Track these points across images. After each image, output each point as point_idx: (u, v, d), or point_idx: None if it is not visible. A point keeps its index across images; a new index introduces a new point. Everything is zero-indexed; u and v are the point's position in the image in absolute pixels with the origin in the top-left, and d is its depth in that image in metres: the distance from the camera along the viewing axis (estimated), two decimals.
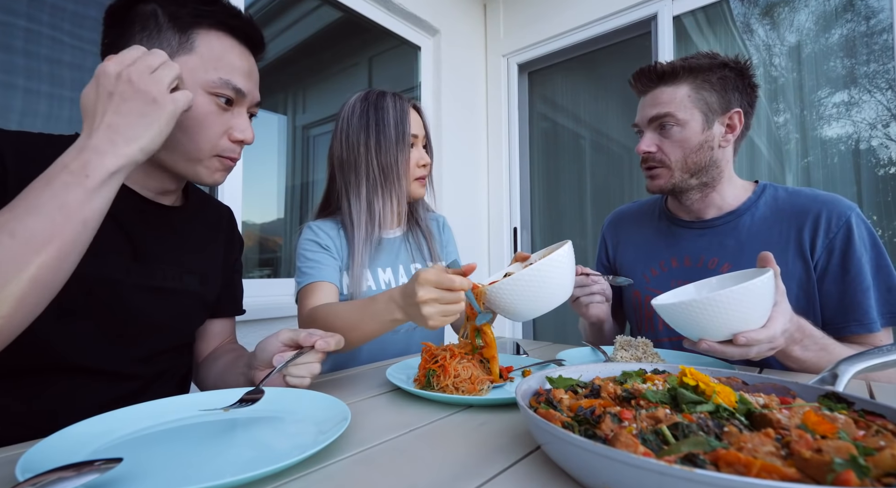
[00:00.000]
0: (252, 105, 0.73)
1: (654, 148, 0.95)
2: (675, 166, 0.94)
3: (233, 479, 0.35)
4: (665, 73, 0.93)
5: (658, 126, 0.94)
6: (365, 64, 2.43)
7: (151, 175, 0.71)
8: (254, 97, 0.72)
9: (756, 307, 0.64)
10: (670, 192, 0.98)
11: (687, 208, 1.02)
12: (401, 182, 1.04)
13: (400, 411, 0.59)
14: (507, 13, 2.66)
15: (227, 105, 0.68)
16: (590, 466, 0.34)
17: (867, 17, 1.69)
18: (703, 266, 0.98)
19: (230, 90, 0.67)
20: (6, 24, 1.16)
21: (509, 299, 0.67)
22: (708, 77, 0.92)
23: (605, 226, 1.24)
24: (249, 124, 0.72)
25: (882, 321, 0.85)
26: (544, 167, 2.66)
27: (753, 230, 0.95)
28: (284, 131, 2.06)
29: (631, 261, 1.12)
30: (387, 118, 1.02)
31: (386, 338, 1.05)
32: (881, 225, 1.67)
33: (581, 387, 0.50)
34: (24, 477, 0.34)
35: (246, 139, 0.71)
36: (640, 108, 0.99)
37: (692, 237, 1.02)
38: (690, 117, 0.92)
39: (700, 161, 0.93)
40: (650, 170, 0.97)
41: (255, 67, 0.73)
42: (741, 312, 0.63)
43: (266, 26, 1.90)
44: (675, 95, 0.92)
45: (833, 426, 0.35)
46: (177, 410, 0.55)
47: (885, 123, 1.68)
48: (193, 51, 0.65)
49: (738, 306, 0.63)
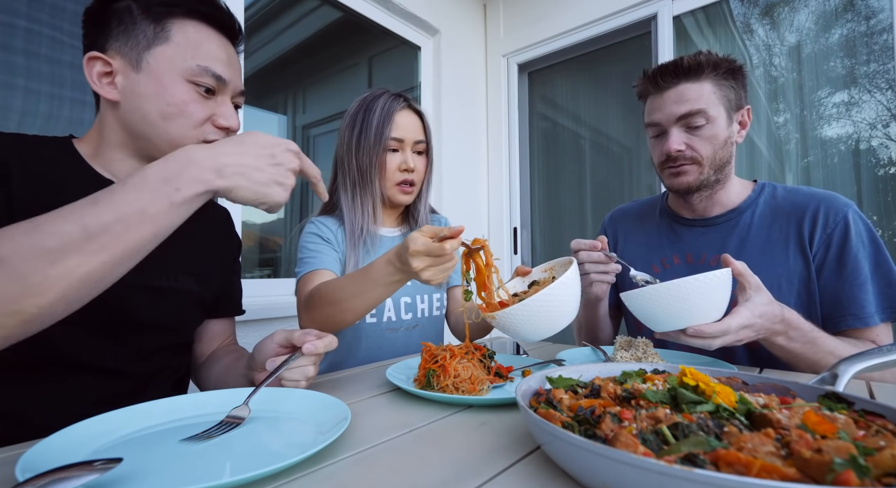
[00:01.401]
0: (236, 94, 0.74)
1: (683, 146, 0.93)
2: (706, 163, 0.94)
3: (233, 479, 0.35)
4: (690, 68, 0.91)
5: (685, 123, 0.93)
6: (365, 64, 2.43)
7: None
8: (236, 85, 0.72)
9: (708, 300, 0.69)
10: (696, 190, 0.97)
11: (692, 206, 1.02)
12: (374, 185, 1.03)
13: (400, 411, 0.59)
14: (507, 13, 2.66)
15: (209, 94, 0.68)
16: (590, 466, 0.34)
17: (867, 17, 1.69)
18: (704, 263, 0.99)
19: (210, 77, 0.67)
20: (6, 24, 1.16)
21: (519, 324, 0.68)
22: (724, 73, 0.92)
23: (607, 221, 1.24)
24: (234, 112, 0.72)
25: (882, 316, 0.85)
26: (544, 167, 2.66)
27: (754, 228, 0.96)
28: (284, 131, 2.06)
29: (633, 258, 1.12)
30: (370, 119, 1.02)
31: (385, 336, 1.05)
32: (881, 225, 1.67)
33: (581, 387, 0.50)
34: (24, 477, 0.34)
35: (231, 126, 0.71)
36: (659, 106, 0.95)
37: (694, 235, 1.03)
38: (718, 113, 0.92)
39: (724, 156, 0.94)
40: (679, 168, 0.95)
41: (234, 55, 0.73)
42: (692, 304, 0.68)
43: (266, 26, 1.90)
44: (702, 91, 0.91)
45: (833, 426, 0.35)
46: (177, 410, 0.55)
47: (885, 123, 1.68)
48: (169, 40, 0.66)
49: (688, 297, 0.68)
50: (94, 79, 0.65)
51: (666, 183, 1.01)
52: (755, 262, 0.93)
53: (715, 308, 0.70)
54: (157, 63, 0.65)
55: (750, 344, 0.93)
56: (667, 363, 0.65)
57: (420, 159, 1.08)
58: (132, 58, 0.65)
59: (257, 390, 0.57)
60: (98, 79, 0.65)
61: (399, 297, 1.07)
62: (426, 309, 1.11)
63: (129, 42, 0.65)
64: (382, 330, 1.05)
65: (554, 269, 0.81)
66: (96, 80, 0.65)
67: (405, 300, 1.08)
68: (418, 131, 1.07)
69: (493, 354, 0.73)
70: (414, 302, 1.09)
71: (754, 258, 0.93)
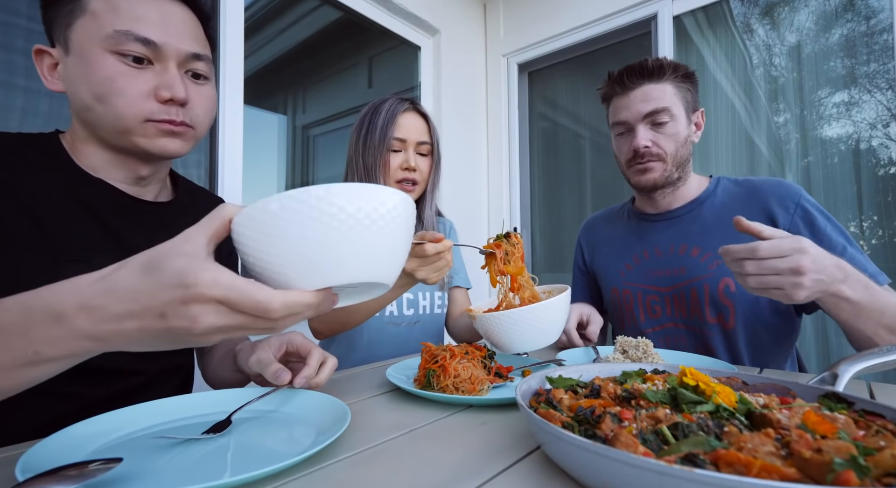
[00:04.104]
0: (184, 59, 0.64)
1: (650, 143, 0.99)
2: (669, 159, 0.99)
3: (233, 479, 0.35)
4: (654, 69, 0.97)
5: (651, 121, 0.98)
6: (365, 64, 2.43)
7: (114, 163, 0.67)
8: (179, 48, 0.62)
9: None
10: (660, 187, 1.03)
11: (656, 203, 1.08)
12: (378, 183, 1.07)
13: (400, 411, 0.59)
14: (507, 13, 2.65)
15: (139, 63, 0.60)
16: (590, 466, 0.34)
17: (867, 16, 1.69)
18: (673, 253, 1.04)
19: (134, 43, 0.59)
20: (6, 24, 1.16)
21: (499, 330, 0.71)
22: (682, 77, 0.99)
23: (581, 232, 1.30)
24: (180, 80, 0.63)
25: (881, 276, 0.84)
26: (544, 167, 2.66)
27: (715, 214, 1.01)
28: (284, 131, 2.06)
29: (607, 260, 1.18)
30: (376, 121, 1.07)
31: (387, 330, 1.09)
32: (881, 225, 1.67)
33: (581, 387, 0.50)
34: (24, 477, 0.34)
35: (175, 97, 0.62)
36: (625, 105, 1.01)
37: (660, 229, 1.08)
38: (679, 112, 0.98)
39: (685, 154, 1.01)
40: (645, 164, 1.00)
41: (176, 12, 0.63)
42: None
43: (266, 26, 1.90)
44: (664, 91, 0.97)
45: (833, 426, 0.35)
46: (177, 410, 0.55)
47: (885, 123, 1.68)
48: (86, 10, 0.58)
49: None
50: (45, 73, 0.63)
51: (632, 180, 1.06)
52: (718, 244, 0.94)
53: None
54: (79, 39, 0.59)
55: (751, 338, 0.94)
56: (667, 363, 0.65)
57: (424, 160, 1.10)
58: (62, 41, 0.60)
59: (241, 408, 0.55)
60: (48, 73, 0.63)
61: None
62: (427, 306, 1.14)
63: (60, 26, 0.60)
64: (385, 323, 1.09)
65: (553, 293, 0.85)
66: (46, 74, 0.63)
67: (407, 296, 1.12)
68: (421, 133, 1.09)
69: (493, 354, 0.73)
70: (416, 298, 1.13)
71: (717, 240, 0.97)
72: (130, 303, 0.35)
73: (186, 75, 0.65)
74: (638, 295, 1.08)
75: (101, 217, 0.65)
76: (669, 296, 1.03)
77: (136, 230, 0.68)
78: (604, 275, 1.17)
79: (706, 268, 0.97)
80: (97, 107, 0.60)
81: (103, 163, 0.66)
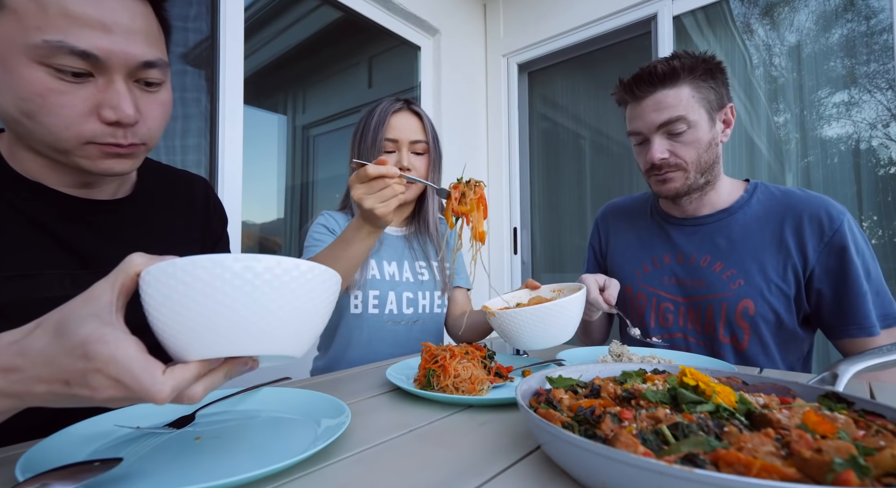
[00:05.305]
0: (133, 69, 0.51)
1: (667, 154, 0.92)
2: (690, 167, 0.92)
3: (232, 479, 0.35)
4: (665, 74, 0.90)
5: (666, 131, 0.91)
6: (365, 64, 2.43)
7: (55, 169, 0.57)
8: (126, 59, 0.50)
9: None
10: (684, 194, 0.96)
11: (682, 207, 1.02)
12: None
13: (400, 411, 0.59)
14: (507, 13, 2.65)
15: (77, 77, 0.48)
16: (590, 466, 0.34)
17: (867, 16, 1.69)
18: (695, 263, 0.99)
19: (70, 57, 0.47)
20: None
21: (516, 328, 0.73)
22: (703, 75, 0.91)
23: (599, 216, 1.25)
24: (128, 97, 0.51)
25: (880, 324, 0.85)
26: (544, 167, 2.66)
27: (745, 229, 0.95)
28: (284, 131, 2.06)
29: (623, 256, 1.13)
30: (370, 122, 1.08)
31: (387, 328, 1.09)
32: (881, 225, 1.67)
33: (581, 387, 0.50)
34: (24, 477, 0.34)
35: (123, 119, 0.50)
36: (638, 114, 0.94)
37: (684, 234, 1.02)
38: (699, 117, 0.90)
39: (709, 159, 0.93)
40: (664, 175, 0.95)
41: (125, 10, 0.50)
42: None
43: (266, 26, 1.90)
44: (680, 97, 0.89)
45: (833, 426, 0.35)
46: (176, 410, 0.55)
47: (885, 123, 1.68)
48: (5, 5, 0.46)
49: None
50: None
51: (654, 189, 1.01)
52: (744, 263, 0.93)
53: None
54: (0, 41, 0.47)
55: (764, 361, 0.93)
56: (667, 363, 0.65)
57: (420, 159, 1.10)
58: None
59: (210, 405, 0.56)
60: None
61: (401, 292, 1.11)
62: (427, 305, 1.15)
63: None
64: (384, 321, 1.09)
65: (563, 292, 0.85)
66: None
67: (407, 295, 1.12)
68: (415, 131, 1.09)
69: (493, 354, 0.73)
70: (415, 297, 1.13)
71: (743, 258, 0.93)
72: (41, 368, 0.34)
73: (137, 84, 0.53)
74: (652, 300, 1.04)
75: (44, 225, 0.56)
76: (685, 307, 0.99)
77: (92, 235, 0.60)
78: (618, 270, 1.12)
79: (727, 287, 0.93)
80: (27, 123, 0.49)
81: (41, 170, 0.56)
